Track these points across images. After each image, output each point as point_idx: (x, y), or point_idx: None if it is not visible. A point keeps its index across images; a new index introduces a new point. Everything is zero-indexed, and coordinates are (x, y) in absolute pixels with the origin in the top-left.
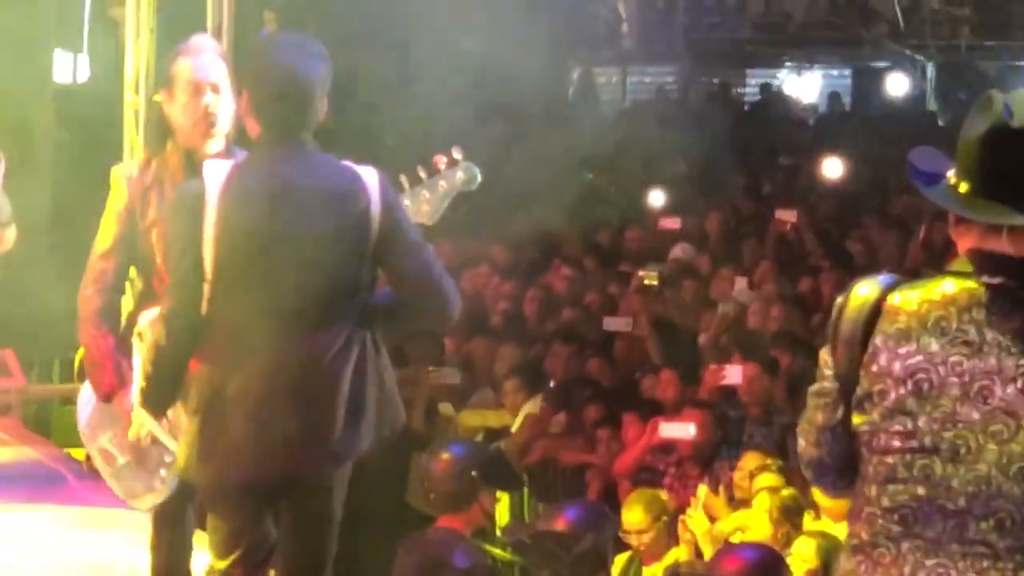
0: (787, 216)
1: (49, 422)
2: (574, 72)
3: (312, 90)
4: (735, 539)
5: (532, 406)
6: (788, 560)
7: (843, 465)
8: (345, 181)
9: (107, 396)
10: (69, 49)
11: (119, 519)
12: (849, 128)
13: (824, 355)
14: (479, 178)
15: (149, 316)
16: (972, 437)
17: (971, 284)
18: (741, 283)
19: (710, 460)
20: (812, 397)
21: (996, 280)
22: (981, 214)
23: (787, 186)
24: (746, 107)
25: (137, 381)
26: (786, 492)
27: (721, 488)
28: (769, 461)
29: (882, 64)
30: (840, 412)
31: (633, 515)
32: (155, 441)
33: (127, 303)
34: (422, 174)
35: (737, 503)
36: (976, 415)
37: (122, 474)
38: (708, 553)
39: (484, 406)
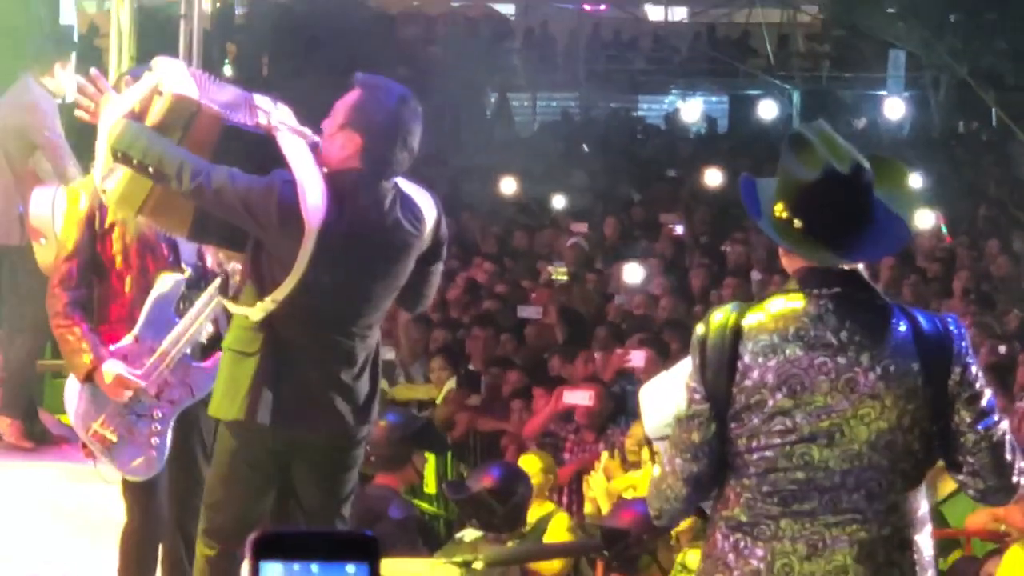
0: (672, 220)
1: (41, 393)
2: (491, 97)
3: (412, 145)
4: (627, 495)
5: (453, 383)
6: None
7: (713, 474)
8: (413, 223)
9: (88, 375)
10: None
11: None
12: (726, 147)
13: (691, 383)
14: None
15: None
16: (844, 423)
17: (813, 295)
18: (634, 275)
19: (604, 428)
20: (685, 422)
21: (835, 290)
22: (806, 254)
23: (672, 195)
24: (638, 128)
25: None
26: None
27: (616, 453)
28: None
29: (755, 92)
30: (713, 428)
31: (529, 467)
32: (140, 415)
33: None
34: None
35: (629, 465)
36: (846, 404)
37: (116, 451)
38: (605, 506)
39: (415, 381)
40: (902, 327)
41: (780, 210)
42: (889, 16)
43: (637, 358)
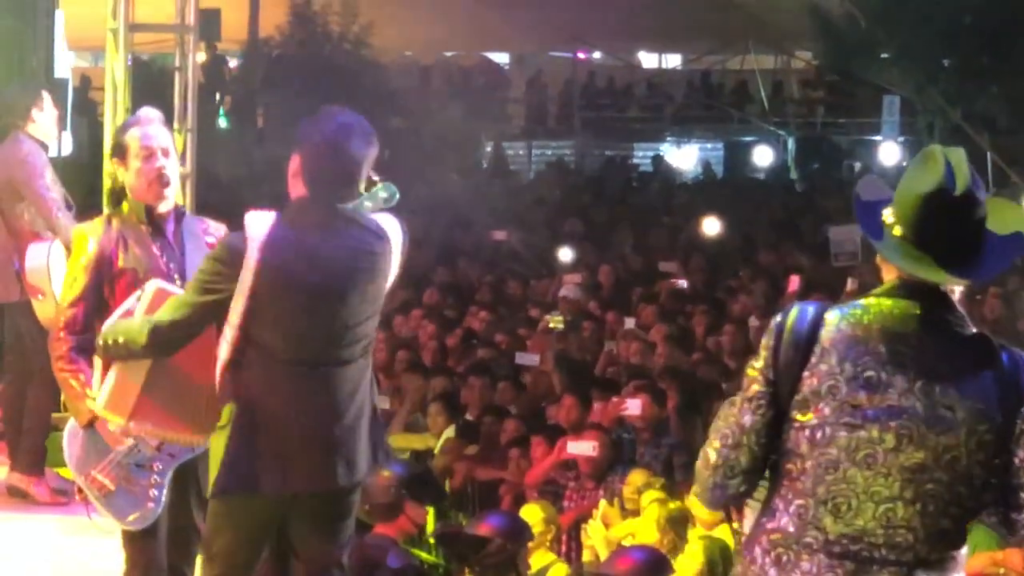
0: (669, 267)
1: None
2: (487, 146)
3: (360, 168)
4: (626, 543)
5: (451, 431)
6: (677, 561)
7: (754, 468)
8: (374, 243)
9: (90, 422)
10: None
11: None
12: (722, 193)
13: (757, 366)
14: (397, 195)
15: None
16: (915, 427)
17: (904, 302)
18: (630, 323)
19: (604, 476)
20: (739, 403)
21: (924, 303)
22: (908, 265)
23: (669, 242)
24: (634, 175)
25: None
26: (673, 504)
27: (616, 500)
28: (652, 479)
29: (750, 138)
30: (770, 414)
31: (530, 517)
32: (140, 465)
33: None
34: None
35: (627, 513)
36: (920, 408)
37: (112, 499)
38: (604, 554)
39: (413, 431)
40: (985, 350)
41: (888, 215)
42: (883, 62)
43: (633, 406)
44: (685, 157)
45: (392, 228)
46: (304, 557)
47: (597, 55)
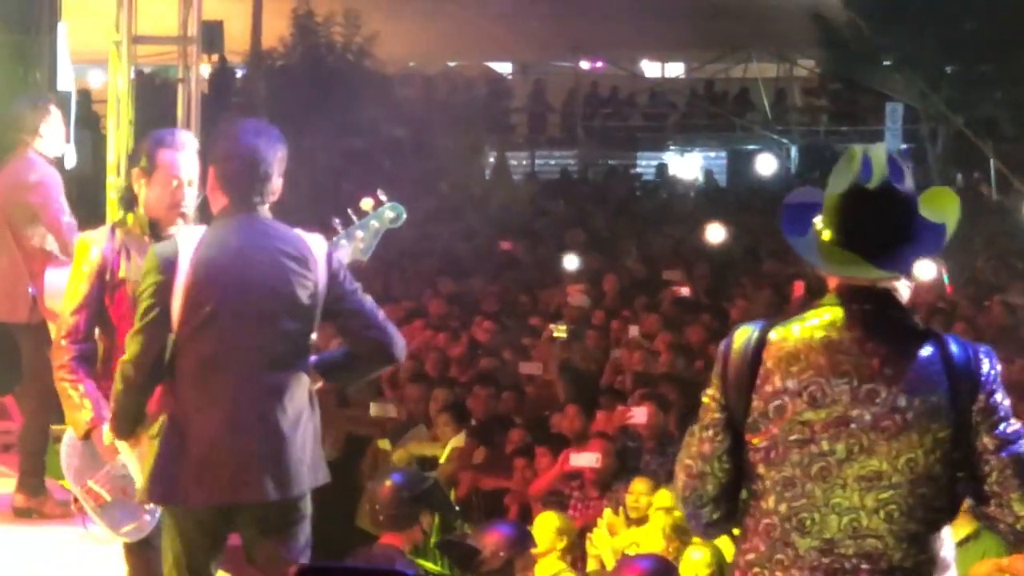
0: (673, 276)
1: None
2: (490, 156)
3: (270, 168)
4: (631, 551)
5: (458, 440)
6: (683, 567)
7: (723, 494)
8: (297, 247)
9: (86, 434)
10: None
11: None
12: (725, 201)
13: (710, 392)
14: (404, 215)
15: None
16: (864, 436)
17: (843, 309)
18: (634, 332)
19: (609, 485)
20: (698, 432)
21: (867, 307)
22: (839, 268)
23: (673, 251)
24: (637, 184)
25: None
26: (678, 513)
27: (620, 509)
28: (662, 487)
29: (753, 147)
30: (728, 440)
31: (542, 533)
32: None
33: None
34: (353, 217)
35: (632, 521)
36: (867, 416)
37: (108, 510)
38: (610, 563)
39: (418, 440)
40: (930, 348)
41: (817, 221)
42: (886, 69)
43: (639, 415)
44: (688, 166)
45: (316, 243)
46: (257, 565)
47: (599, 64)
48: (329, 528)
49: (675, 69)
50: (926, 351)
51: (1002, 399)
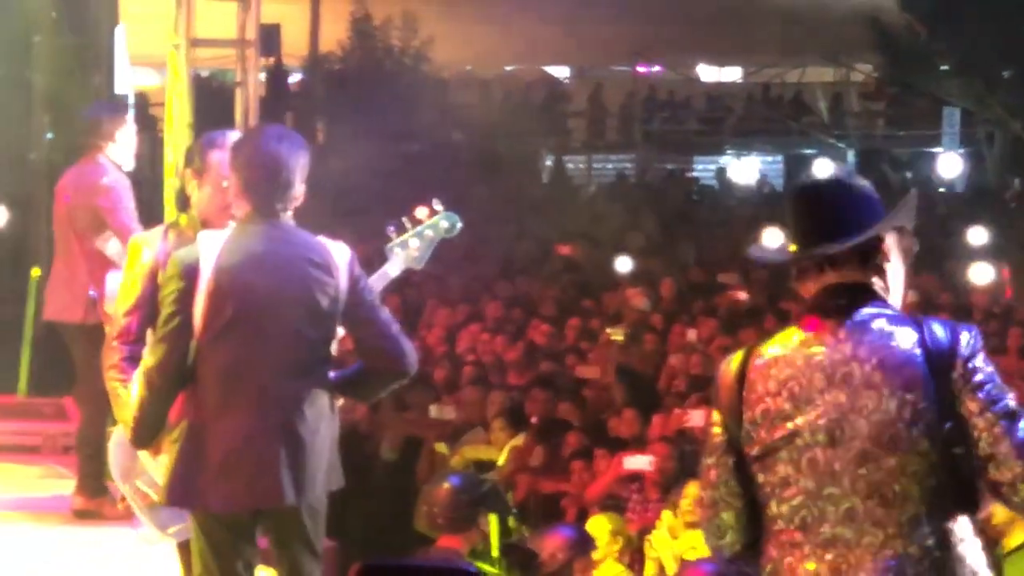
0: (729, 279)
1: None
2: (547, 160)
3: (292, 174)
4: (689, 555)
5: (516, 442)
6: None
7: (739, 523)
8: (319, 253)
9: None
10: None
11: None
12: (781, 205)
13: (711, 420)
14: (459, 225)
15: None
16: (843, 418)
17: (816, 313)
18: (691, 335)
19: (669, 488)
20: (704, 461)
21: (841, 302)
22: (799, 262)
23: (730, 255)
24: (694, 188)
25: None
26: None
27: (678, 512)
28: None
29: (810, 151)
30: (731, 461)
31: (597, 529)
32: None
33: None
34: (408, 225)
35: (690, 524)
36: (843, 397)
37: (156, 512)
38: (670, 566)
39: (474, 443)
40: (907, 327)
41: (788, 244)
42: (943, 73)
43: (696, 417)
44: (745, 170)
45: (338, 250)
46: (279, 570)
47: (657, 69)
48: (386, 530)
49: (732, 73)
50: (902, 331)
51: (983, 365)
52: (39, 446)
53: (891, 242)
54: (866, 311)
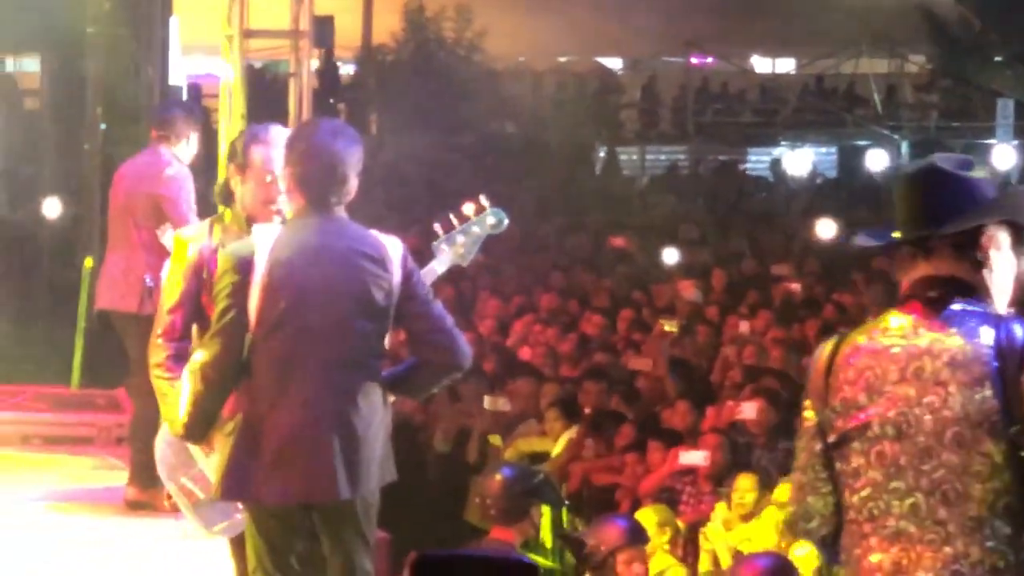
0: (782, 271)
1: None
2: (600, 151)
3: (347, 169)
4: (743, 548)
5: (570, 433)
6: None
7: (827, 508)
8: (373, 248)
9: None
10: None
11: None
12: (836, 197)
13: (804, 405)
14: (506, 221)
15: (197, 358)
16: (910, 412)
17: (909, 300)
18: (744, 327)
19: (721, 480)
20: (796, 444)
21: (930, 294)
22: (898, 250)
23: (783, 247)
24: (747, 180)
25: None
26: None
27: (732, 504)
28: (778, 482)
29: (863, 142)
30: (819, 446)
31: (647, 521)
32: None
33: None
34: (455, 221)
35: (744, 516)
36: (912, 391)
37: (200, 508)
38: (725, 559)
39: (527, 435)
40: (986, 326)
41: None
42: (997, 65)
43: (748, 410)
44: (799, 161)
45: (392, 245)
46: (332, 567)
47: (710, 60)
48: (439, 521)
49: (786, 65)
50: (981, 330)
51: None
52: (92, 437)
53: (1001, 237)
54: (953, 307)
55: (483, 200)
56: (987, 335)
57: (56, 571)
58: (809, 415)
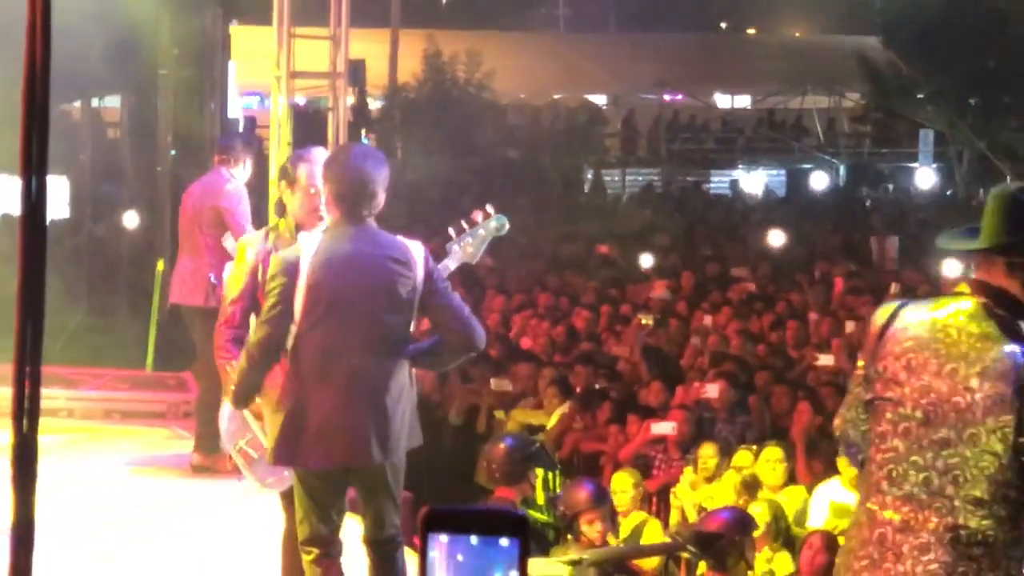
0: (740, 273)
1: None
2: (588, 173)
3: (376, 186)
4: (707, 504)
5: (563, 408)
6: None
7: (863, 439)
8: (398, 251)
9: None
10: None
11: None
12: (784, 212)
13: (858, 354)
14: (507, 226)
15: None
16: (940, 406)
17: (961, 298)
18: (708, 320)
19: (688, 448)
20: (850, 384)
21: (982, 300)
22: (974, 254)
23: (741, 253)
24: (711, 197)
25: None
26: (747, 471)
27: (698, 468)
28: (737, 449)
29: (808, 166)
30: (864, 395)
31: (621, 484)
32: None
33: None
34: (465, 226)
35: (708, 479)
36: (945, 388)
37: (256, 467)
38: (692, 515)
39: (525, 410)
40: (1017, 347)
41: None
42: (920, 101)
43: (712, 390)
44: (753, 182)
45: (415, 248)
46: (367, 520)
47: (680, 97)
48: (453, 483)
49: (743, 101)
50: (1011, 347)
51: None
52: (164, 412)
53: None
54: (998, 316)
55: (489, 208)
56: (1014, 350)
57: (134, 526)
58: (860, 364)
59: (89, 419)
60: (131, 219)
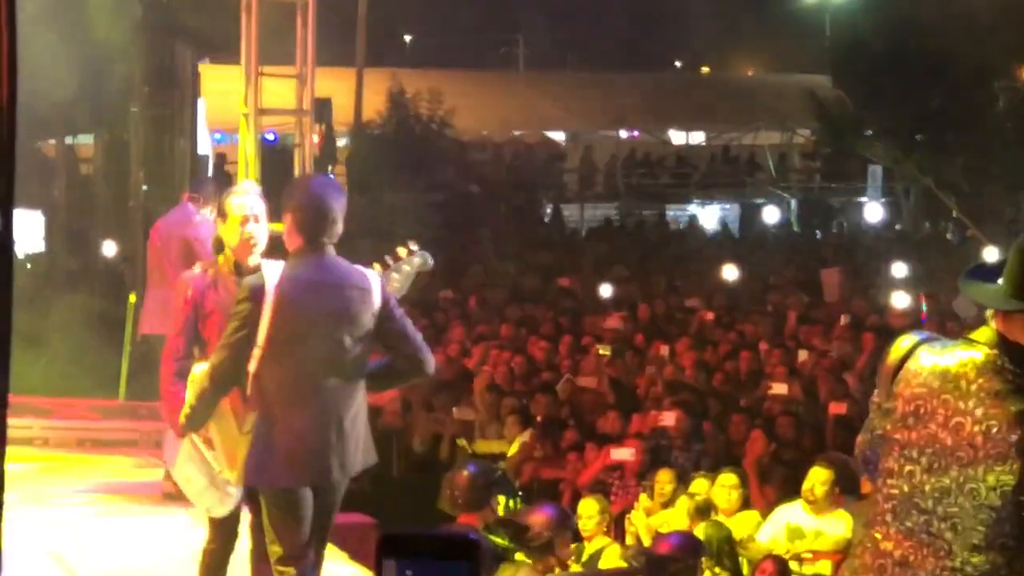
0: (695, 304)
1: None
2: (547, 207)
3: (336, 214)
4: (663, 529)
5: (524, 436)
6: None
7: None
8: (358, 278)
9: (183, 434)
10: None
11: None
12: (738, 245)
13: (877, 385)
14: (431, 261)
15: (201, 367)
16: (943, 457)
17: (976, 348)
18: (664, 350)
19: (644, 475)
20: (870, 408)
21: (995, 352)
22: (992, 301)
23: (696, 285)
24: (666, 231)
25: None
26: (699, 497)
27: (654, 495)
28: (693, 476)
29: (760, 201)
30: (880, 424)
31: (587, 510)
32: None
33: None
34: (390, 262)
35: (662, 504)
36: (949, 442)
37: (202, 493)
38: (646, 539)
39: (488, 438)
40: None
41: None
42: (868, 138)
43: (668, 418)
44: (708, 216)
45: (372, 276)
46: (315, 525)
47: (636, 134)
48: (417, 509)
49: (697, 137)
50: (1018, 407)
51: None
52: (136, 440)
53: None
54: (1010, 371)
55: (412, 245)
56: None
57: (105, 548)
58: (876, 394)
59: (63, 447)
60: (104, 252)
